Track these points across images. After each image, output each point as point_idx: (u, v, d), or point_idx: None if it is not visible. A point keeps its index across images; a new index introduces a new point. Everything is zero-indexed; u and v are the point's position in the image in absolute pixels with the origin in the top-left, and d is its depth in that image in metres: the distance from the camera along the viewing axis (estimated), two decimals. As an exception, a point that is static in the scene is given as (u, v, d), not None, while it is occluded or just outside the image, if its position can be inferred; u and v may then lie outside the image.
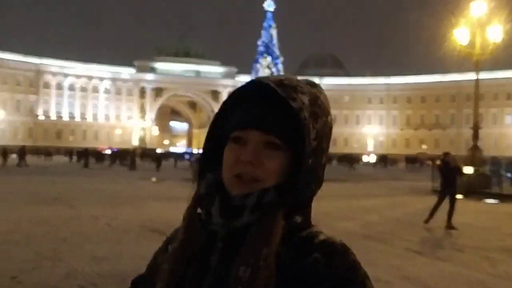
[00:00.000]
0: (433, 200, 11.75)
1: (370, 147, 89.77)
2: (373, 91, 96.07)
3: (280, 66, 67.31)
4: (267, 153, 0.83)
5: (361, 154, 79.26)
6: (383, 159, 62.44)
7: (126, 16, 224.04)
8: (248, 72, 76.03)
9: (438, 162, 14.25)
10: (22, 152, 38.49)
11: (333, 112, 0.83)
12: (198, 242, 0.87)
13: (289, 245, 0.82)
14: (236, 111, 0.87)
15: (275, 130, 0.82)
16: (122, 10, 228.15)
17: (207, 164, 0.92)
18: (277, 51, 67.20)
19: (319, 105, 0.86)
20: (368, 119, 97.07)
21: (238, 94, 0.88)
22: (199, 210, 0.90)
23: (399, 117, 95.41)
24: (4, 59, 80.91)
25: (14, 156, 40.67)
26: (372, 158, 71.83)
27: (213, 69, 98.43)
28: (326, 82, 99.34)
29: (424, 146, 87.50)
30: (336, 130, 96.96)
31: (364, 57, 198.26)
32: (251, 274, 0.78)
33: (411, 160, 61.64)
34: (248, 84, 0.87)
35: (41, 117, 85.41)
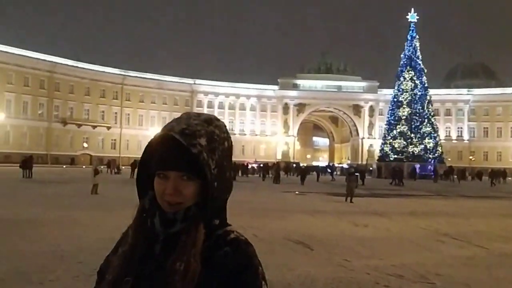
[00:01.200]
0: None
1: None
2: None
3: (424, 79, 63.86)
4: (183, 184, 1.15)
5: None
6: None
7: (272, 36, 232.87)
8: (390, 86, 73.84)
9: None
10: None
11: (484, 125, 0.92)
12: (144, 243, 1.19)
13: (209, 241, 1.16)
14: (157, 153, 1.16)
15: (186, 169, 1.14)
16: (266, 31, 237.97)
17: (143, 186, 1.24)
18: (421, 63, 63.95)
19: (215, 140, 1.17)
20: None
21: (157, 141, 1.17)
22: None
23: None
24: (165, 81, 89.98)
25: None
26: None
27: (355, 84, 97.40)
28: (476, 93, 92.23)
29: None
30: (488, 144, 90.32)
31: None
32: (184, 267, 1.10)
33: None
34: (163, 134, 1.16)
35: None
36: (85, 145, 79.82)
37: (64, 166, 63.09)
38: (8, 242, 8.88)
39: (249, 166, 59.66)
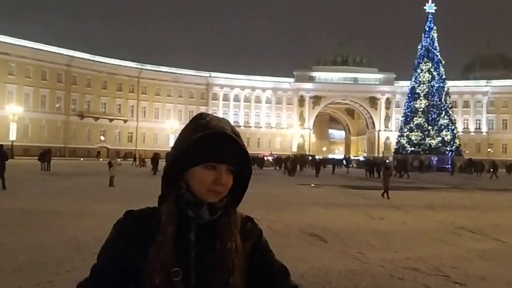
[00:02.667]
0: None
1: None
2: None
3: (442, 70, 62.94)
4: (229, 176, 1.30)
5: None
6: None
7: (287, 28, 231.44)
8: (407, 77, 72.96)
9: None
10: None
11: (503, 117, 0.95)
12: (179, 231, 1.30)
13: None
14: (208, 146, 1.27)
15: (234, 164, 1.30)
16: (281, 23, 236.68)
17: (171, 179, 1.33)
18: (438, 55, 63.01)
19: (241, 139, 1.34)
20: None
21: (211, 137, 1.27)
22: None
23: None
24: (180, 74, 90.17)
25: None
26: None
27: (371, 76, 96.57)
28: (494, 84, 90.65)
29: None
30: (507, 136, 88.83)
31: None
32: (235, 245, 1.31)
33: None
34: (218, 132, 1.27)
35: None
36: (102, 138, 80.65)
37: (82, 159, 63.79)
38: (26, 233, 9.06)
39: (265, 159, 59.60)
